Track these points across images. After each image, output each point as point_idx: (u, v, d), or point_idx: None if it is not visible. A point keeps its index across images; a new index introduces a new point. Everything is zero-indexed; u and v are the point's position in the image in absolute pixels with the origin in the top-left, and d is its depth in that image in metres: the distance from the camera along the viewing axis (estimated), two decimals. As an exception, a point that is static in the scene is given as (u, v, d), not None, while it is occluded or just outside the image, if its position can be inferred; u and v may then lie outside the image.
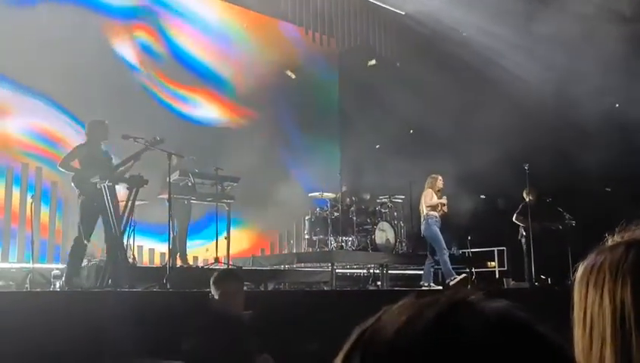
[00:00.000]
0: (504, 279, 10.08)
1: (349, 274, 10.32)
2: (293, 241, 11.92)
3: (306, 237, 9.55)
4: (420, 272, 9.15)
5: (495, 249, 11.12)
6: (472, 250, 10.21)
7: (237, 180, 8.21)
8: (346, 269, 10.12)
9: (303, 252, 10.00)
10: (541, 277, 9.01)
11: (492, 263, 11.21)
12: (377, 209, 9.64)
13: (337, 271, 8.86)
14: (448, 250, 8.92)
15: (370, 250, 9.13)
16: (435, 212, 8.80)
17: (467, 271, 9.48)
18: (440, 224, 8.84)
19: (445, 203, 8.90)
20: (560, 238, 8.94)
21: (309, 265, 9.36)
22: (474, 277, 9.68)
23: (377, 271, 9.43)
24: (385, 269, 9.19)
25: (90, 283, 6.36)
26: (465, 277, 8.84)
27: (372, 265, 9.58)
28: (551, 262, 8.77)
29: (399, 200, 9.96)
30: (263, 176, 11.00)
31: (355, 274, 10.32)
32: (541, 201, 9.41)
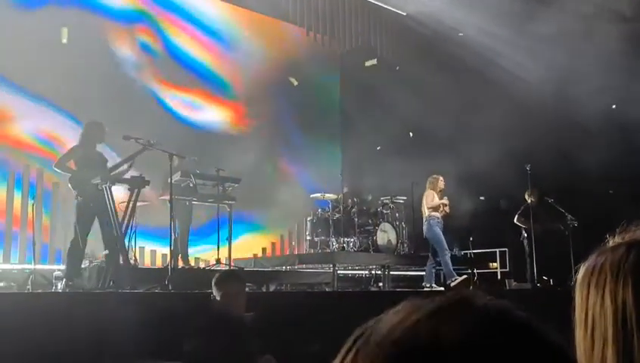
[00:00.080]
0: (505, 280, 10.06)
1: (350, 275, 10.32)
2: (294, 242, 11.92)
3: (308, 238, 9.53)
4: (422, 273, 9.14)
5: (497, 250, 11.11)
6: (474, 251, 10.21)
7: (238, 181, 8.21)
8: (348, 270, 10.11)
9: (305, 253, 10.00)
10: (543, 278, 8.99)
11: (494, 264, 11.20)
12: (378, 210, 9.62)
13: (338, 272, 8.86)
14: (450, 251, 8.92)
15: (371, 251, 9.12)
16: (437, 213, 8.81)
17: (469, 271, 9.48)
18: (442, 226, 8.84)
19: (446, 203, 8.90)
20: (562, 239, 8.92)
21: (311, 266, 9.36)
22: (476, 278, 9.67)
23: (379, 272, 9.42)
24: (387, 270, 9.18)
25: (91, 285, 6.36)
26: (466, 278, 8.84)
27: (374, 266, 9.56)
28: (552, 263, 8.75)
29: (401, 201, 9.94)
30: (264, 177, 11.01)
31: (357, 275, 10.31)
32: (543, 202, 9.38)
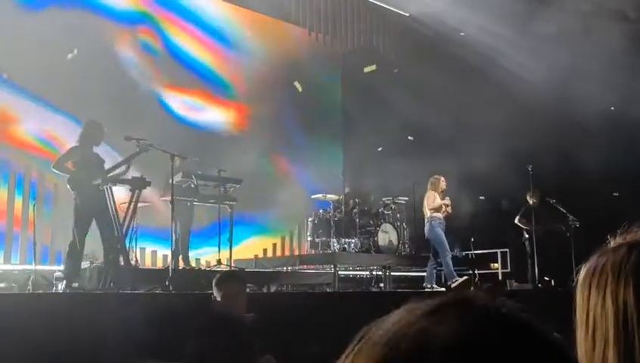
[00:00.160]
0: (507, 281, 10.05)
1: (351, 275, 10.31)
2: (295, 243, 11.92)
3: (309, 238, 9.53)
4: (423, 274, 9.14)
5: (499, 250, 11.10)
6: (475, 252, 10.20)
7: (239, 182, 8.21)
8: (349, 271, 10.10)
9: (306, 254, 10.00)
10: (544, 279, 8.98)
11: (495, 265, 11.19)
12: (379, 210, 9.62)
13: (339, 272, 8.85)
14: (451, 252, 8.90)
15: (373, 252, 9.11)
16: (439, 214, 8.78)
17: (470, 272, 9.47)
18: (444, 227, 8.82)
19: (448, 204, 8.88)
20: (563, 240, 8.91)
21: (312, 266, 9.36)
22: (477, 278, 9.66)
23: (380, 273, 9.41)
24: (388, 271, 9.17)
25: (92, 285, 6.36)
26: (467, 279, 8.83)
27: (375, 267, 9.56)
28: (554, 264, 8.74)
29: (402, 202, 9.93)
30: (266, 178, 11.01)
31: (358, 275, 10.31)
32: (544, 203, 9.37)
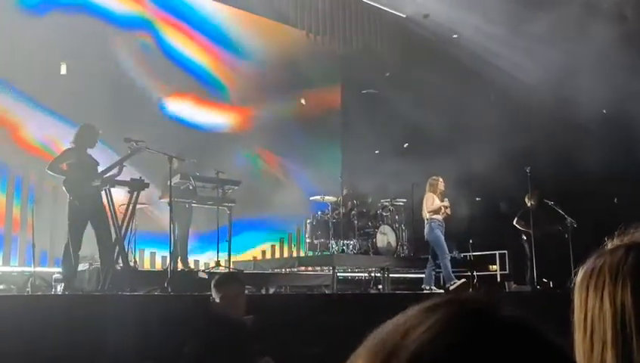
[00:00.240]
0: (505, 282, 10.06)
1: (350, 277, 10.31)
2: (294, 245, 11.92)
3: (307, 240, 9.53)
4: (422, 276, 9.13)
5: (497, 252, 11.11)
6: (473, 254, 10.20)
7: (238, 183, 8.21)
8: (348, 273, 10.10)
9: (304, 255, 10.00)
10: (543, 281, 8.98)
11: (494, 266, 11.20)
12: (378, 212, 9.62)
13: (338, 274, 8.86)
14: (450, 254, 8.90)
15: (371, 254, 9.11)
16: (438, 216, 8.76)
17: (469, 274, 9.47)
18: (444, 229, 8.81)
19: (447, 205, 8.86)
20: (561, 241, 8.91)
21: (310, 268, 9.37)
22: (476, 280, 9.67)
23: (379, 275, 9.41)
24: (386, 273, 9.17)
25: (91, 287, 6.36)
26: (465, 282, 8.81)
27: (373, 269, 9.56)
28: (552, 266, 8.74)
29: (401, 204, 9.94)
30: (264, 179, 11.01)
31: (357, 277, 10.31)
32: (542, 205, 9.36)
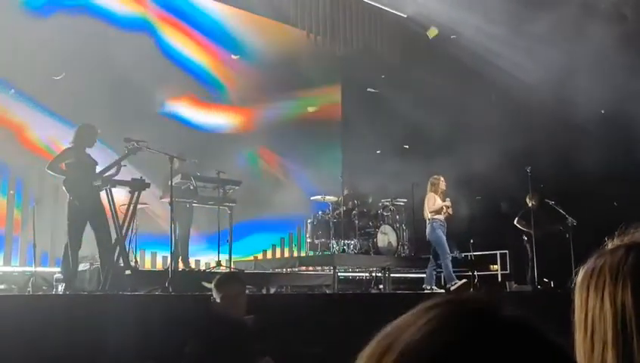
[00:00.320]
0: (506, 282, 10.06)
1: (351, 277, 10.31)
2: (295, 244, 11.92)
3: (308, 240, 9.53)
4: (423, 275, 9.13)
5: (498, 252, 11.11)
6: (474, 253, 10.20)
7: (238, 183, 8.21)
8: (349, 272, 10.11)
9: (305, 255, 10.00)
10: (543, 281, 8.98)
11: (495, 266, 11.20)
12: (379, 212, 9.61)
13: (339, 274, 8.85)
14: (451, 254, 8.89)
15: (372, 254, 9.11)
16: (440, 216, 8.73)
17: (470, 274, 9.47)
18: (446, 229, 8.80)
19: (449, 205, 8.84)
20: (562, 241, 8.91)
21: (311, 268, 9.36)
22: (477, 280, 9.66)
23: (380, 275, 9.42)
24: (387, 272, 9.17)
25: (92, 287, 6.36)
26: (466, 282, 8.80)
27: (374, 269, 9.57)
28: (553, 265, 8.74)
29: (401, 203, 9.94)
30: (265, 180, 11.01)
31: (358, 277, 10.31)
32: (543, 205, 9.36)
